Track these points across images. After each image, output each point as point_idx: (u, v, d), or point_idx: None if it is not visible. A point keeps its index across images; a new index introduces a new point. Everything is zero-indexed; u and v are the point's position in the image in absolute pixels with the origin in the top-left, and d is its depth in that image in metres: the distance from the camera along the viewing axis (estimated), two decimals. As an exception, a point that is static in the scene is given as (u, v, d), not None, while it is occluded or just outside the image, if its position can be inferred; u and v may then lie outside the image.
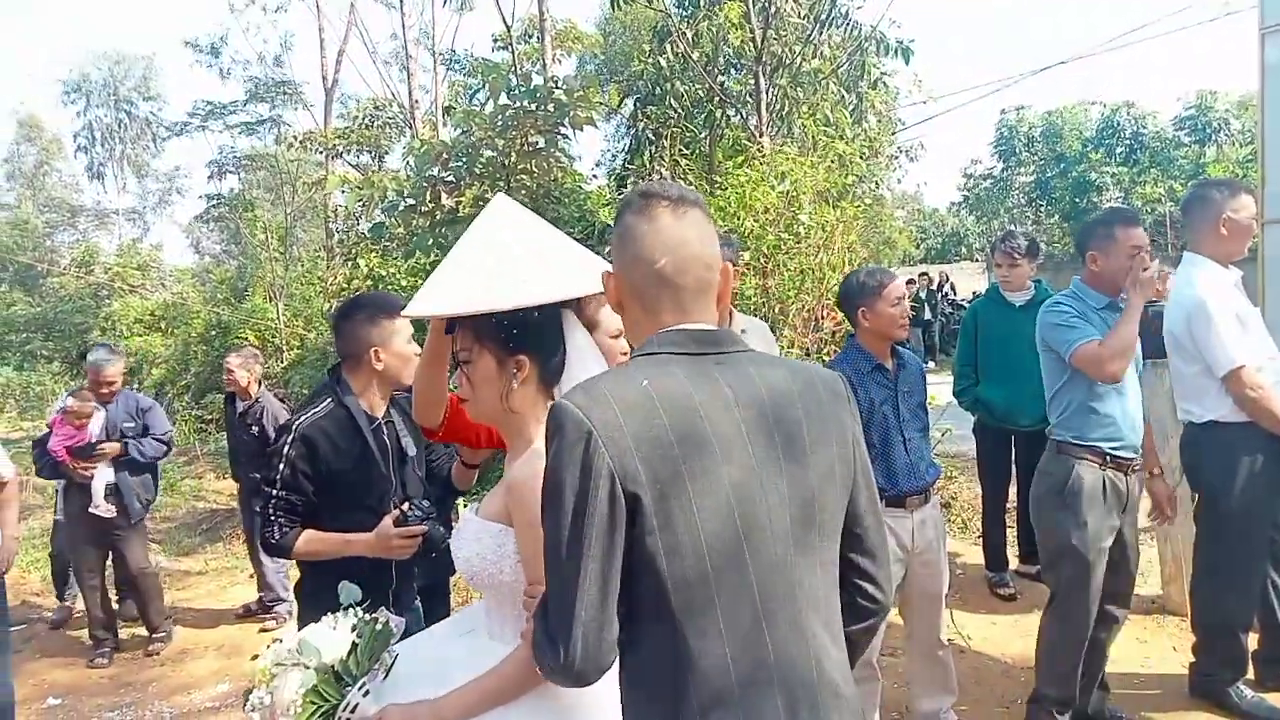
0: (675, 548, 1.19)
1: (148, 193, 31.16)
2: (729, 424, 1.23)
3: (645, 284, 1.33)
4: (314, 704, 1.63)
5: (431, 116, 14.48)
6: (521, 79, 7.81)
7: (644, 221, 1.33)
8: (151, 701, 4.52)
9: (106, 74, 29.33)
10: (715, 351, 1.30)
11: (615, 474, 1.17)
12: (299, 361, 12.43)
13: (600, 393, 1.21)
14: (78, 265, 19.45)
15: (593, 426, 1.18)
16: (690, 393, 1.23)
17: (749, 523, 1.22)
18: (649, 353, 1.29)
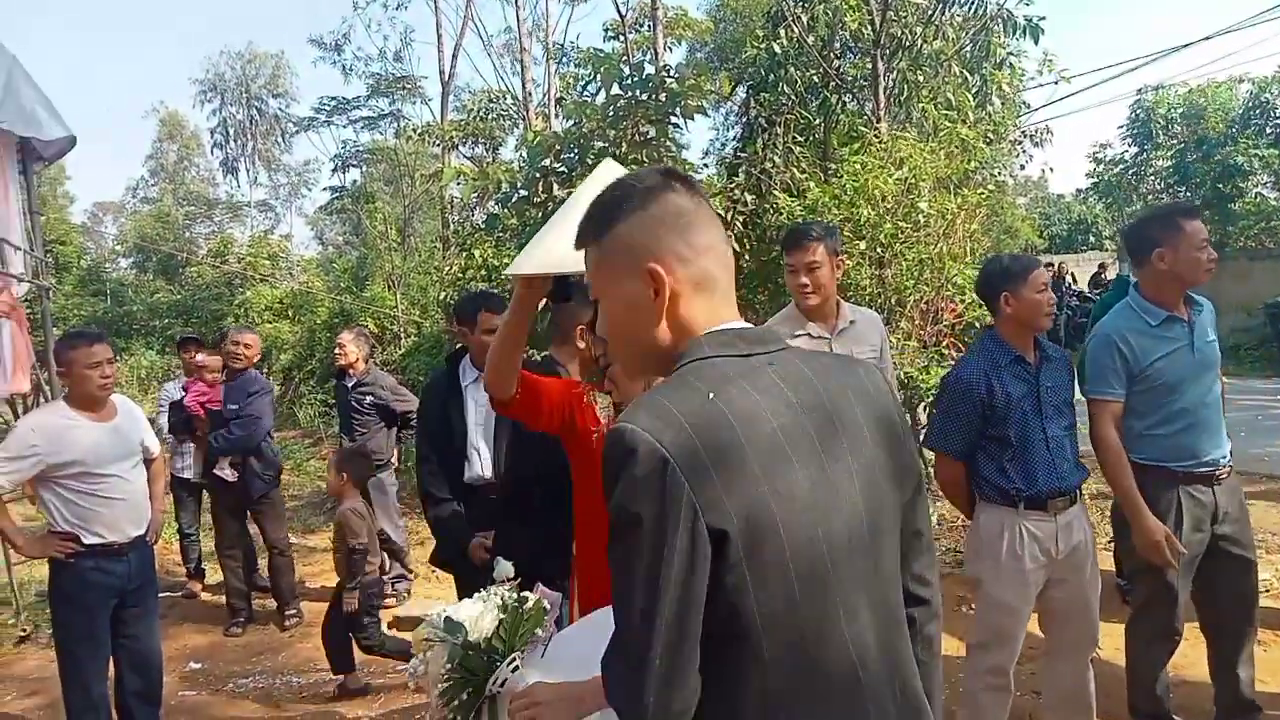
0: (763, 581, 1.07)
1: (278, 186, 32.81)
2: (798, 431, 1.12)
3: (710, 271, 1.21)
4: (460, 677, 1.69)
5: (544, 108, 14.69)
6: (634, 69, 7.80)
7: (695, 204, 1.22)
8: (282, 671, 4.76)
9: (239, 73, 30.90)
10: (763, 351, 1.19)
11: (698, 506, 1.03)
12: (415, 349, 12.84)
13: (666, 411, 1.07)
14: (214, 255, 20.64)
15: (668, 452, 1.04)
16: (757, 401, 1.11)
17: (831, 541, 1.11)
18: (699, 358, 1.16)
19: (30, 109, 4.81)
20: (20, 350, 4.77)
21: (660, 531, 1.03)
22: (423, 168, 18.23)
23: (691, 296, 1.20)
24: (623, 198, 1.22)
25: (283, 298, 17.47)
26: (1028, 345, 2.85)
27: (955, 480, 2.94)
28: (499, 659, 1.69)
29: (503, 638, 1.71)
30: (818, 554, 1.10)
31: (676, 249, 1.19)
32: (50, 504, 3.46)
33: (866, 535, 1.15)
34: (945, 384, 2.99)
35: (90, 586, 3.45)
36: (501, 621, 1.72)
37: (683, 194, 1.21)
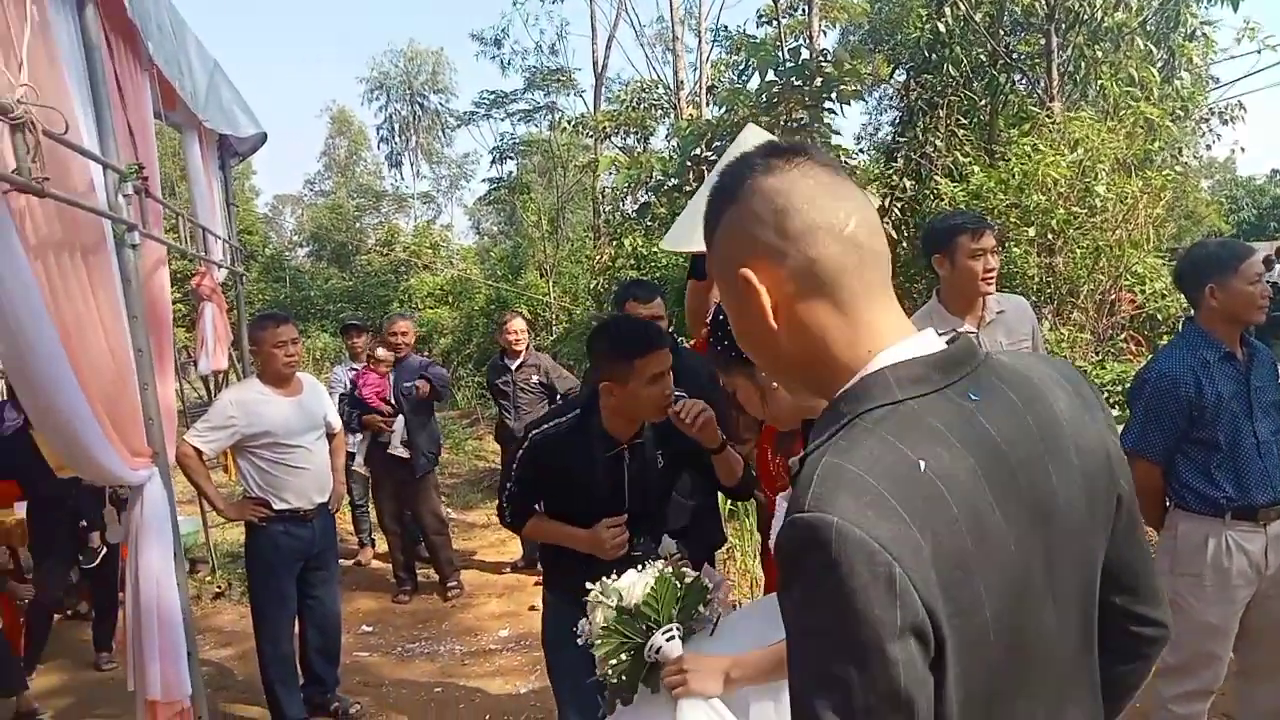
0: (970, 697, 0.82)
1: (440, 178, 34.37)
2: (1013, 497, 0.86)
3: (832, 262, 0.91)
4: (614, 639, 1.81)
5: (695, 97, 14.71)
6: (790, 54, 7.69)
7: (801, 177, 0.93)
8: (445, 638, 5.03)
9: (402, 70, 32.48)
10: (959, 377, 0.90)
11: (926, 621, 0.77)
12: (566, 335, 13.18)
13: (873, 492, 0.79)
14: (381, 244, 21.87)
15: (892, 557, 0.76)
16: (973, 465, 0.84)
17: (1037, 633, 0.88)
18: (889, 403, 0.86)
19: (229, 108, 5.23)
20: (220, 330, 5.22)
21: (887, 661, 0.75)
22: (575, 159, 18.65)
23: (804, 300, 0.92)
24: (718, 195, 0.99)
25: (443, 285, 18.32)
26: (1235, 340, 2.62)
27: (1155, 488, 2.70)
28: (655, 627, 1.79)
29: (655, 607, 1.80)
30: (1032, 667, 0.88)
31: (768, 242, 0.92)
32: (246, 471, 3.79)
33: (1079, 617, 0.93)
34: (1144, 380, 2.72)
35: (280, 549, 3.75)
36: (653, 591, 1.81)
37: (783, 171, 0.94)
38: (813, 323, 0.92)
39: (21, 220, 2.15)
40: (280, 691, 3.81)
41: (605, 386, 2.36)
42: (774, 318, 0.93)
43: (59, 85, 2.40)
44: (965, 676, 0.81)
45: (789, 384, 1.05)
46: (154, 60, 3.47)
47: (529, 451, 2.48)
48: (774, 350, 0.96)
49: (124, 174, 2.76)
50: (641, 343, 2.33)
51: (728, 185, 0.97)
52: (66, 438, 2.36)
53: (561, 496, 2.52)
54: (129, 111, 3.21)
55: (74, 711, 4.42)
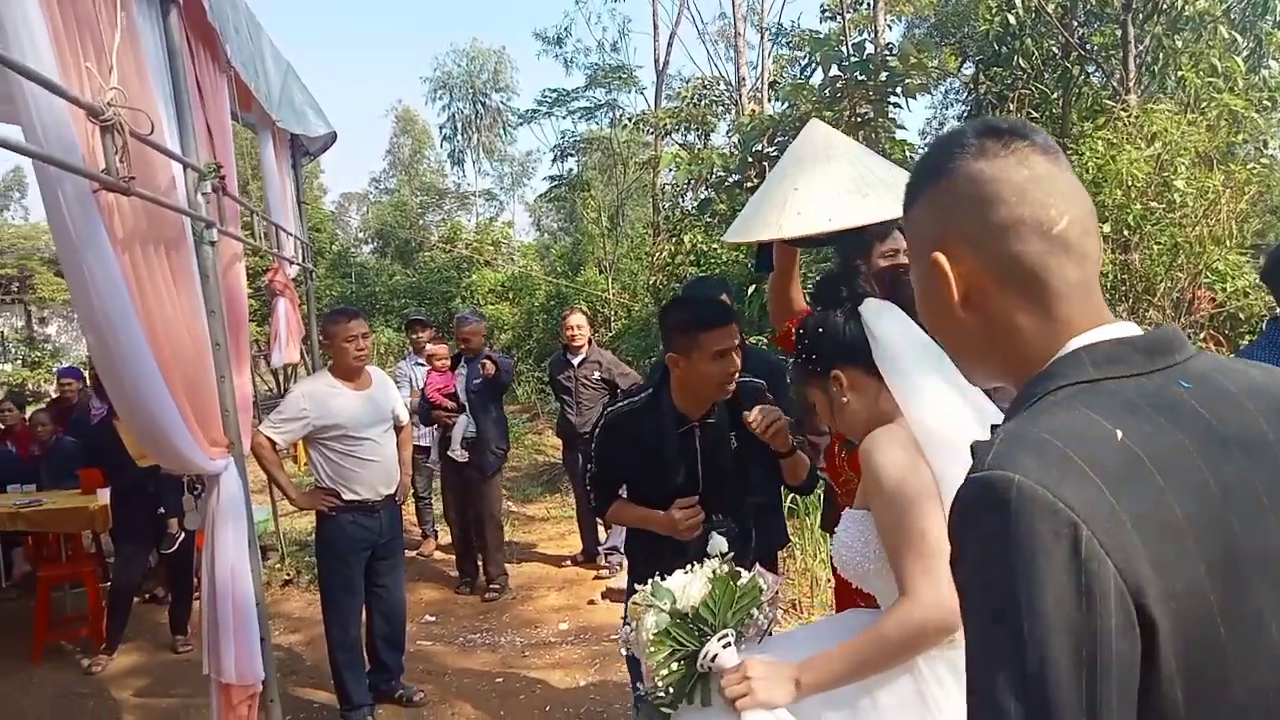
0: (1203, 697, 0.72)
1: (502, 175, 34.75)
2: (1237, 479, 0.77)
3: (1036, 259, 0.85)
4: (666, 646, 1.67)
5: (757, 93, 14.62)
6: (854, 48, 7.59)
7: (1016, 165, 0.87)
8: (506, 630, 5.09)
9: (464, 69, 32.89)
10: (1166, 365, 0.83)
11: (1129, 592, 0.69)
12: (625, 331, 13.22)
13: (1059, 453, 0.73)
14: (444, 241, 22.22)
15: (1078, 517, 0.70)
16: (1182, 441, 0.77)
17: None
18: (1082, 380, 0.82)
19: (300, 109, 5.36)
20: (293, 325, 5.36)
21: (1086, 630, 0.69)
22: (635, 156, 18.68)
23: (998, 294, 0.88)
24: (925, 171, 0.94)
25: (504, 281, 18.53)
26: None
27: None
28: (709, 631, 1.66)
29: (712, 610, 1.68)
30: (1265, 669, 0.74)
31: (968, 230, 0.88)
32: (316, 462, 3.88)
33: None
34: None
35: (349, 538, 3.84)
36: (710, 593, 1.69)
37: (997, 155, 0.88)
38: (1004, 318, 0.88)
39: (109, 217, 2.24)
40: (347, 677, 3.91)
41: (671, 358, 2.40)
42: (962, 307, 0.90)
43: (145, 87, 2.49)
44: (1191, 673, 0.71)
45: (971, 370, 0.99)
46: (231, 62, 3.57)
47: (604, 431, 2.54)
48: (959, 336, 0.93)
49: (203, 173, 2.85)
50: (707, 317, 2.33)
51: (935, 161, 0.93)
52: (149, 428, 2.45)
53: (637, 476, 2.55)
54: (208, 112, 3.31)
55: (151, 691, 4.58)
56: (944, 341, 0.98)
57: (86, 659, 4.93)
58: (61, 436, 6.44)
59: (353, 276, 20.29)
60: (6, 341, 23.40)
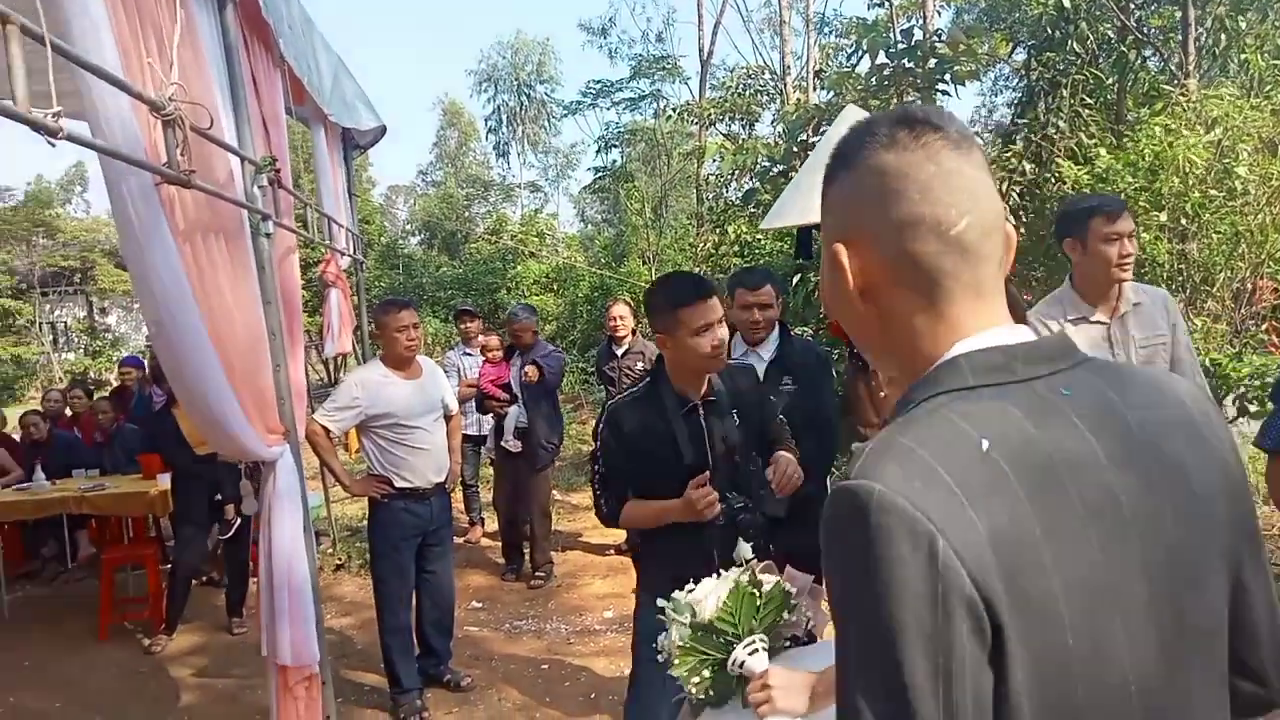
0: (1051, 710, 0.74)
1: (548, 167, 34.93)
2: (1103, 494, 0.78)
3: (931, 259, 0.85)
4: (693, 657, 1.69)
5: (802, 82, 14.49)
6: (902, 35, 7.48)
7: (924, 161, 0.85)
8: (552, 617, 5.15)
9: (509, 61, 33.06)
10: (1048, 372, 0.83)
11: (979, 601, 0.71)
12: (669, 323, 13.21)
13: (924, 465, 0.74)
14: (490, 233, 22.42)
15: (935, 529, 0.71)
16: (1050, 454, 0.77)
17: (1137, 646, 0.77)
18: (959, 388, 0.82)
19: (351, 102, 5.45)
20: (345, 315, 5.47)
21: (937, 636, 0.70)
22: (679, 146, 18.63)
23: (893, 290, 0.87)
24: (837, 159, 0.92)
25: (548, 272, 18.64)
26: None
27: None
28: (736, 640, 1.66)
29: (730, 620, 1.68)
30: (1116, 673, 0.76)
31: (869, 225, 0.87)
32: (369, 450, 3.96)
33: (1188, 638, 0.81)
34: None
35: (400, 524, 3.91)
36: (726, 604, 1.69)
37: (906, 149, 0.86)
38: (899, 313, 0.88)
39: (170, 210, 2.31)
40: (398, 661, 3.98)
41: (659, 339, 2.45)
42: (860, 299, 0.90)
43: (203, 82, 2.55)
44: (1039, 685, 0.72)
45: (880, 364, 0.98)
46: (285, 57, 3.64)
47: (609, 423, 2.51)
48: (859, 327, 0.94)
49: (259, 166, 2.91)
50: (685, 293, 2.38)
51: (846, 151, 0.91)
52: (209, 416, 2.52)
53: (646, 466, 2.48)
54: (263, 106, 3.38)
55: (209, 671, 4.72)
56: (852, 334, 0.97)
57: (147, 639, 5.09)
58: (123, 423, 6.64)
59: (400, 268, 20.56)
60: (70, 331, 24.15)
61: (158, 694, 4.47)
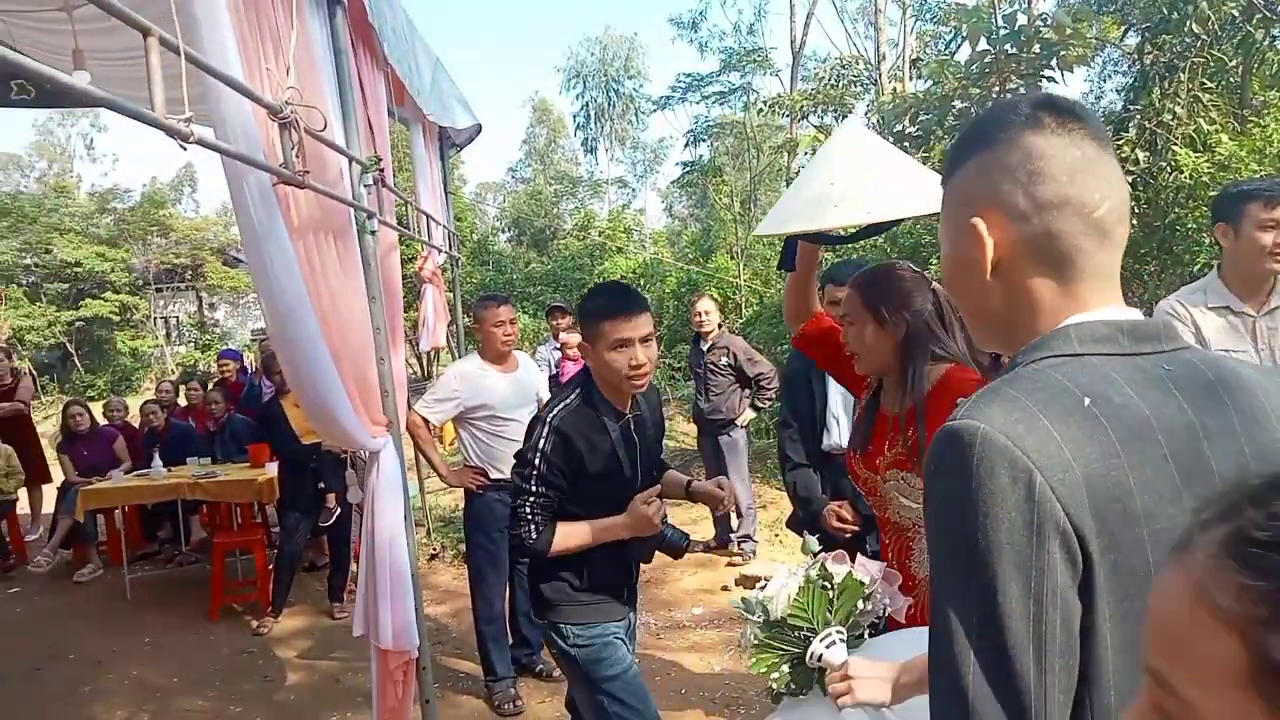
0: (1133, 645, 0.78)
1: (636, 162, 35.08)
2: (1195, 460, 0.83)
3: (1071, 238, 0.90)
4: (770, 654, 1.70)
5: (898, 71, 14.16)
6: (1005, 20, 7.22)
7: (1070, 146, 0.90)
8: (640, 612, 5.13)
9: (598, 58, 33.27)
10: (1153, 351, 0.89)
11: (1073, 533, 0.77)
12: (756, 317, 13.11)
13: (1027, 411, 0.80)
14: (578, 229, 22.63)
15: (1034, 465, 0.77)
16: (1148, 417, 0.83)
17: None
18: (1065, 353, 0.87)
19: (448, 102, 5.56)
20: (440, 310, 5.60)
21: (1034, 568, 0.76)
22: (769, 140, 18.44)
23: (1028, 265, 0.92)
24: (975, 135, 0.97)
25: (635, 268, 18.70)
26: None
27: None
28: (813, 634, 1.66)
29: (804, 615, 1.67)
30: None
31: (1012, 200, 0.91)
32: (465, 442, 4.04)
33: None
34: None
35: (495, 515, 3.98)
36: (798, 600, 1.68)
37: (1052, 132, 0.91)
38: (1029, 290, 0.92)
39: (286, 209, 2.39)
40: (492, 649, 4.06)
41: (582, 347, 2.38)
42: (991, 273, 0.93)
43: (316, 85, 2.64)
44: (1120, 623, 0.78)
45: (981, 334, 1.03)
46: (389, 60, 3.74)
47: (555, 435, 2.31)
48: (980, 299, 0.97)
49: (366, 166, 2.99)
50: (610, 306, 2.27)
51: (988, 127, 0.95)
52: (320, 407, 2.61)
53: (593, 483, 2.34)
54: (368, 108, 3.48)
55: (312, 653, 4.91)
56: (962, 303, 1.03)
57: (254, 620, 5.33)
58: (233, 414, 6.96)
59: (491, 264, 20.94)
60: (181, 325, 25.43)
61: (266, 672, 4.67)
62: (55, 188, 26.03)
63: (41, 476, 7.80)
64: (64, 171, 31.71)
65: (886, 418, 2.08)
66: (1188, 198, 5.88)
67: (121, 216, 23.58)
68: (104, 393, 18.54)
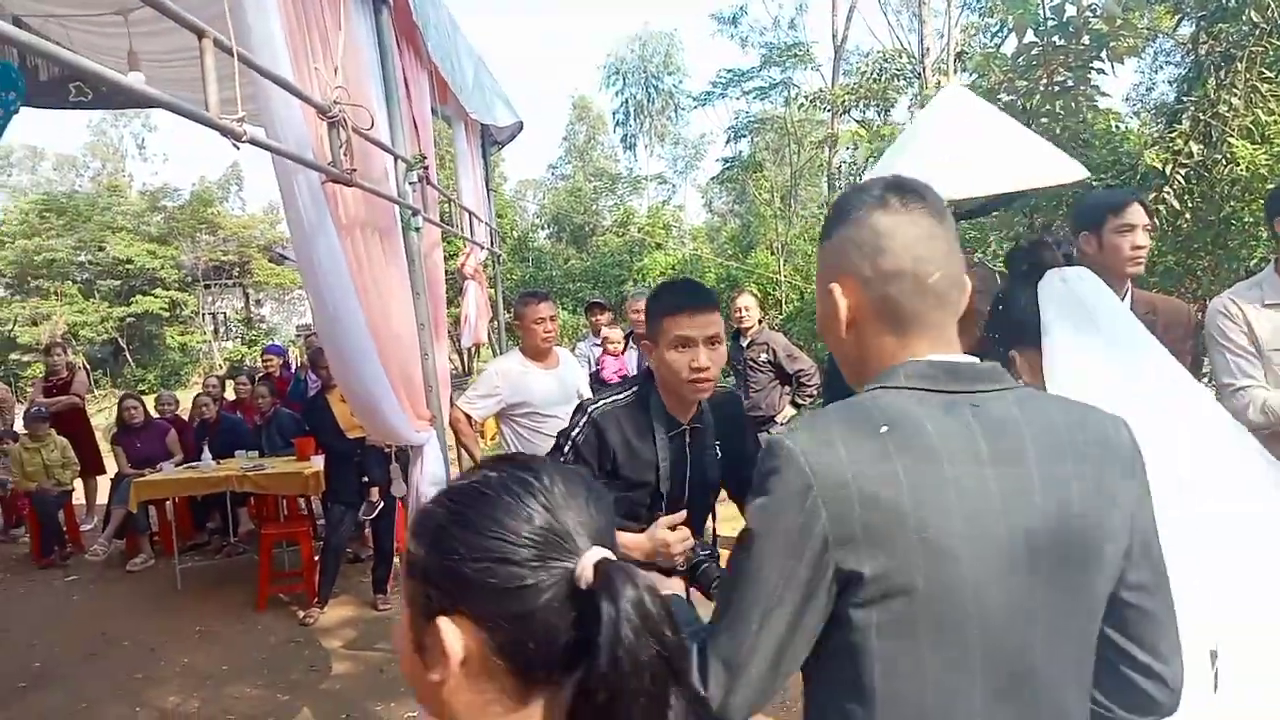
0: (892, 640, 0.99)
1: (676, 159, 35.02)
2: (976, 484, 1.00)
3: (907, 301, 1.08)
4: None
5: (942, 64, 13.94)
6: (1053, 11, 7.07)
7: (909, 224, 1.09)
8: (681, 609, 5.16)
9: (637, 54, 33.26)
10: (972, 390, 1.06)
11: (830, 541, 0.98)
12: (797, 314, 13.04)
13: (827, 434, 1.01)
14: (617, 225, 22.66)
15: (814, 481, 0.99)
16: (936, 447, 1.00)
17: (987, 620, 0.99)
18: (891, 386, 1.06)
19: (490, 100, 5.60)
20: (482, 306, 5.64)
21: (790, 551, 1.00)
22: (809, 135, 18.29)
23: (873, 322, 1.11)
24: (837, 212, 1.16)
25: (675, 264, 18.68)
26: None
27: None
28: None
29: None
30: (966, 636, 0.99)
31: (861, 271, 1.10)
32: (507, 437, 4.07)
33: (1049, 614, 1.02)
34: None
35: (537, 511, 4.00)
36: None
37: (895, 212, 1.09)
38: (876, 343, 1.12)
39: (334, 206, 2.43)
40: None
41: (644, 345, 2.15)
42: (846, 328, 1.13)
43: (362, 84, 2.67)
44: (890, 628, 0.98)
45: (846, 373, 1.21)
46: (432, 58, 3.77)
47: (591, 427, 2.15)
48: (841, 349, 1.18)
49: (410, 164, 3.03)
50: (674, 301, 2.06)
51: (846, 207, 1.14)
52: (367, 402, 2.65)
53: (619, 487, 2.15)
54: (413, 106, 3.52)
55: (357, 644, 4.98)
56: (831, 348, 1.20)
57: (301, 610, 5.42)
58: (278, 408, 7.09)
59: (530, 261, 21.06)
60: (228, 321, 25.95)
61: (312, 661, 4.75)
62: (108, 187, 26.68)
63: (96, 468, 8.03)
64: (116, 171, 32.47)
65: None
66: (1244, 191, 5.73)
67: (171, 215, 24.12)
68: (154, 387, 19.03)
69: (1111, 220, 2.58)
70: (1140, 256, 2.61)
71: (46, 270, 21.93)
